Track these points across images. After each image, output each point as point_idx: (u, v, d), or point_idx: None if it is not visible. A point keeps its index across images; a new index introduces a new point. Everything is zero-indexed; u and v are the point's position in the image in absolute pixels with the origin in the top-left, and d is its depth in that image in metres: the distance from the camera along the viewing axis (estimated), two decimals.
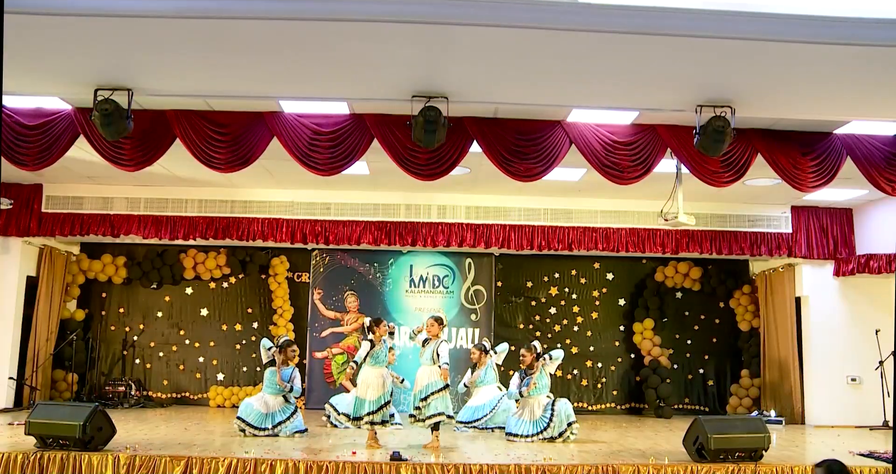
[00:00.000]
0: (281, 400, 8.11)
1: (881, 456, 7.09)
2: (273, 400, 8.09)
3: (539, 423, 7.93)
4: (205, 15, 4.73)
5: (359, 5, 4.67)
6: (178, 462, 6.27)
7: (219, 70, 5.71)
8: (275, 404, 8.07)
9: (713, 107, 6.08)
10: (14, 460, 6.26)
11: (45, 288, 10.51)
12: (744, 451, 6.59)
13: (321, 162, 6.78)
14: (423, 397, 7.24)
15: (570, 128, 6.88)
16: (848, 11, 4.77)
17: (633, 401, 11.57)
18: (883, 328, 9.97)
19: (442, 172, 6.87)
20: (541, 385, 8.13)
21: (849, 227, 10.35)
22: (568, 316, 11.66)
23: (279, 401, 8.10)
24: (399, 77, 5.76)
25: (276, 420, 7.97)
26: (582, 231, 10.23)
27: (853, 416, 9.77)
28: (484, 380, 9.25)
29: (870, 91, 5.84)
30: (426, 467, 6.25)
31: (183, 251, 11.28)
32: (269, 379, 8.18)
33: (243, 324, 11.44)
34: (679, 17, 4.77)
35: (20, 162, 6.71)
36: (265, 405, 8.04)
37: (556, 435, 7.87)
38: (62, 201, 9.99)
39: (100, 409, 6.76)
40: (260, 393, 8.23)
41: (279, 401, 8.10)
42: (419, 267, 11.52)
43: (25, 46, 5.18)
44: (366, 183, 9.46)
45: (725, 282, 11.62)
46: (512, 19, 4.72)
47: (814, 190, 7.24)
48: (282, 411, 8.06)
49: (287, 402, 8.15)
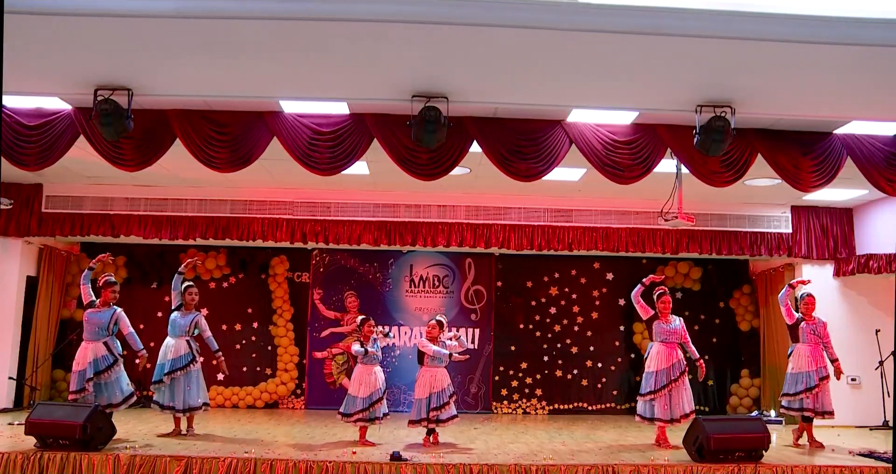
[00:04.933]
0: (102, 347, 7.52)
1: (881, 456, 7.09)
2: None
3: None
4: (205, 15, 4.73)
5: (359, 5, 4.67)
6: (177, 462, 6.27)
7: (219, 70, 5.71)
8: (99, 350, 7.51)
9: (713, 107, 6.09)
10: (14, 460, 6.26)
11: (45, 288, 10.52)
12: (744, 451, 6.60)
13: (321, 162, 6.78)
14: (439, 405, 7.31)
15: (570, 128, 6.89)
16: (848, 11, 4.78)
17: (633, 401, 11.52)
18: (883, 328, 9.98)
19: (442, 172, 6.87)
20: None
21: (849, 227, 10.35)
22: (568, 316, 11.66)
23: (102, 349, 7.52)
24: (399, 77, 5.76)
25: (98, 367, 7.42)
26: (582, 231, 10.24)
27: (853, 416, 9.76)
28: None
29: (870, 91, 5.84)
30: (426, 467, 6.25)
31: (183, 251, 11.27)
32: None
33: (243, 324, 11.44)
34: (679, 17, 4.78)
35: (20, 162, 6.71)
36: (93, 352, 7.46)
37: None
38: (62, 201, 9.99)
39: (100, 409, 6.77)
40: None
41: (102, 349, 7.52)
42: (419, 267, 11.53)
43: (25, 46, 5.19)
44: (366, 183, 9.47)
45: (725, 282, 11.62)
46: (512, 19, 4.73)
47: (814, 190, 7.24)
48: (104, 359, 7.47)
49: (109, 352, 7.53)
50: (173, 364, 7.71)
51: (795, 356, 7.93)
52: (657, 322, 7.79)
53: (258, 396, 11.22)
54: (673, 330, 7.74)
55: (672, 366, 7.56)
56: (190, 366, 7.77)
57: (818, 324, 7.97)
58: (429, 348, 7.42)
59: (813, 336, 7.91)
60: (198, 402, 7.77)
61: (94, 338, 7.50)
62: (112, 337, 7.62)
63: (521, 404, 11.42)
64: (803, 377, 7.79)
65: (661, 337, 7.72)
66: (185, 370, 7.72)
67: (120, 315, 7.66)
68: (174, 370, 7.69)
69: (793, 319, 8.01)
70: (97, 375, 7.39)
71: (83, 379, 7.37)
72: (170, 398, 7.66)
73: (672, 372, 7.54)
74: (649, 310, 7.87)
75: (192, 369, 7.79)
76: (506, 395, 11.42)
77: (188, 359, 7.78)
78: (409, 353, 11.01)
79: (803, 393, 7.74)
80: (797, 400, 7.78)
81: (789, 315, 8.01)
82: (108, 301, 7.68)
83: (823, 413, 7.73)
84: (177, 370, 7.70)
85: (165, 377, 7.66)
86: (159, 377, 7.72)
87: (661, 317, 7.79)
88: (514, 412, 11.35)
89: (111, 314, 7.61)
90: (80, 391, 7.35)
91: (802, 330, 7.93)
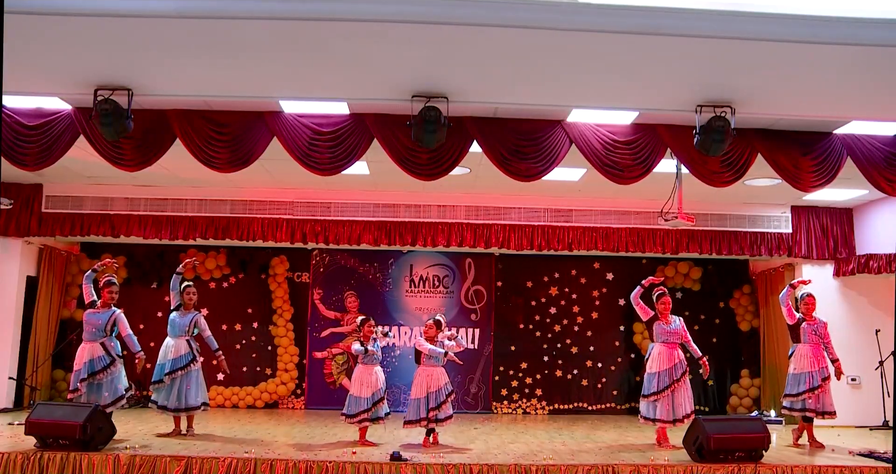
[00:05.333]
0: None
1: (881, 456, 7.09)
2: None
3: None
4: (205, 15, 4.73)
5: (359, 5, 4.67)
6: (178, 462, 6.27)
7: (219, 70, 5.71)
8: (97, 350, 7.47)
9: (713, 107, 6.09)
10: (14, 460, 6.26)
11: (45, 288, 10.52)
12: (744, 451, 6.60)
13: (321, 162, 6.78)
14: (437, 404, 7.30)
15: (570, 128, 6.89)
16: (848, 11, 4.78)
17: (633, 401, 11.54)
18: (883, 328, 9.98)
19: (442, 172, 6.87)
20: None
21: (849, 227, 10.35)
22: (568, 316, 11.66)
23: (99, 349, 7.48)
24: (399, 77, 5.76)
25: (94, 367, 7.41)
26: (582, 231, 10.24)
27: (853, 416, 9.76)
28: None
29: (870, 91, 5.84)
30: (426, 467, 6.25)
31: (183, 251, 11.27)
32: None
33: (243, 324, 11.44)
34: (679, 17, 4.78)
35: (20, 162, 6.71)
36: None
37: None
38: (62, 201, 9.99)
39: (100, 409, 6.77)
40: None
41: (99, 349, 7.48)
42: (419, 267, 11.53)
43: (25, 46, 5.19)
44: (366, 183, 9.47)
45: (725, 282, 11.62)
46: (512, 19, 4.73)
47: (814, 190, 7.24)
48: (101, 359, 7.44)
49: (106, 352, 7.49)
50: (174, 364, 7.71)
51: (797, 356, 7.92)
52: (657, 323, 7.79)
53: (258, 396, 11.22)
54: (673, 330, 7.74)
55: (674, 367, 7.56)
56: (190, 366, 7.77)
57: (819, 324, 7.97)
58: (424, 347, 7.43)
59: (814, 336, 7.90)
60: (197, 402, 7.76)
61: (92, 339, 7.50)
62: (110, 337, 7.61)
63: (521, 404, 11.42)
64: (806, 377, 7.78)
65: (662, 338, 7.72)
66: (185, 370, 7.72)
67: (119, 316, 7.65)
68: (175, 370, 7.69)
69: (794, 319, 8.00)
70: (91, 376, 7.37)
71: (77, 379, 7.37)
72: (168, 398, 7.66)
73: (674, 373, 7.54)
74: (649, 312, 7.87)
75: (193, 369, 7.79)
76: (506, 395, 11.42)
77: (188, 359, 7.77)
78: (409, 353, 11.00)
79: (806, 394, 7.73)
80: (800, 401, 7.77)
81: (790, 315, 8.01)
82: (108, 301, 7.67)
83: (825, 413, 7.72)
84: (177, 370, 7.70)
85: (166, 377, 7.65)
86: (159, 377, 7.71)
87: (661, 318, 7.79)
88: (514, 412, 11.35)
89: (110, 315, 7.61)
90: (74, 391, 7.35)
91: (803, 330, 7.93)
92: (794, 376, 7.89)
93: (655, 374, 7.60)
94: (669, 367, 7.56)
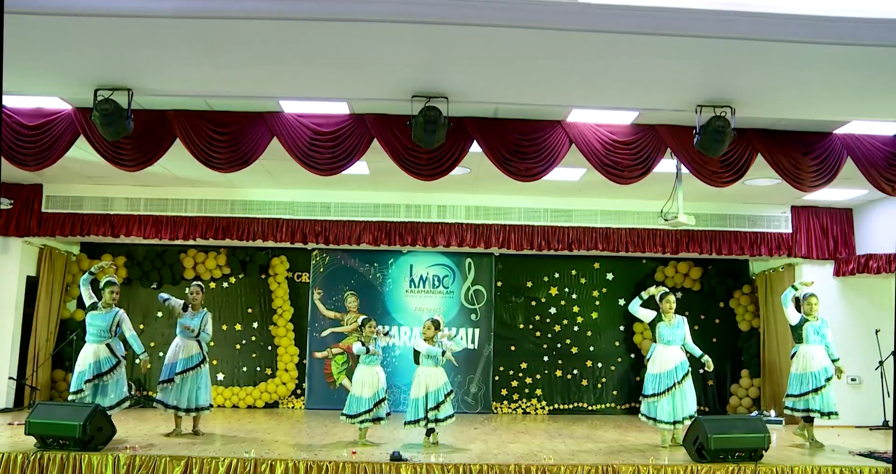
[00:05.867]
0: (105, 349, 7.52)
1: (881, 456, 7.09)
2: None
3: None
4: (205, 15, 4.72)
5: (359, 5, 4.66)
6: (178, 462, 6.27)
7: (219, 70, 5.70)
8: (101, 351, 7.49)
9: (713, 107, 6.08)
10: (14, 460, 6.26)
11: (45, 288, 10.52)
12: (744, 451, 6.60)
13: (321, 162, 6.78)
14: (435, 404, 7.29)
15: (570, 128, 6.89)
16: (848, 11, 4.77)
17: (633, 401, 11.54)
18: (883, 328, 9.98)
19: (442, 172, 6.87)
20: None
21: (849, 227, 10.35)
22: (568, 316, 11.66)
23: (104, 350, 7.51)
24: (399, 77, 5.76)
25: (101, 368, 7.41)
26: (582, 231, 10.23)
27: (853, 416, 9.76)
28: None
29: (870, 91, 5.83)
30: (426, 467, 6.25)
31: (183, 251, 11.28)
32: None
33: (243, 324, 11.44)
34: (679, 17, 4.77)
35: (20, 162, 6.71)
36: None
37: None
38: (62, 201, 9.99)
39: (100, 409, 6.77)
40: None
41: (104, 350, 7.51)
42: (419, 267, 11.53)
43: (25, 46, 5.18)
44: (366, 183, 9.47)
45: (725, 282, 11.62)
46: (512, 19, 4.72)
47: (814, 189, 7.24)
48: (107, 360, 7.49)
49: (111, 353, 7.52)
50: (185, 363, 7.77)
51: (799, 357, 7.92)
52: (660, 323, 7.78)
53: (258, 396, 11.23)
54: (676, 331, 7.74)
55: (676, 368, 7.56)
56: (200, 367, 7.82)
57: (821, 324, 7.97)
58: (422, 346, 7.43)
59: (816, 336, 7.90)
60: (206, 403, 7.83)
61: (96, 340, 7.51)
62: (115, 338, 7.62)
63: (521, 404, 11.42)
64: (809, 377, 7.78)
65: (664, 339, 7.71)
66: (195, 370, 7.78)
67: (122, 317, 7.67)
68: (185, 370, 7.74)
69: (796, 320, 8.00)
70: (97, 377, 7.38)
71: (82, 380, 7.37)
72: (178, 398, 7.69)
73: (676, 374, 7.54)
74: (651, 313, 7.86)
75: (202, 369, 7.85)
76: (506, 395, 11.42)
77: (199, 360, 7.83)
78: (408, 353, 10.98)
79: (809, 394, 7.73)
80: (802, 401, 7.77)
81: (793, 315, 8.01)
82: (109, 302, 7.67)
83: (829, 413, 7.72)
84: (188, 370, 7.75)
85: (176, 376, 7.71)
86: (169, 376, 7.74)
87: (665, 318, 7.77)
88: (514, 412, 11.35)
89: (113, 316, 7.61)
90: (77, 391, 7.35)
91: (806, 330, 7.93)
92: (797, 376, 7.88)
93: (657, 375, 7.59)
94: (671, 368, 7.56)
